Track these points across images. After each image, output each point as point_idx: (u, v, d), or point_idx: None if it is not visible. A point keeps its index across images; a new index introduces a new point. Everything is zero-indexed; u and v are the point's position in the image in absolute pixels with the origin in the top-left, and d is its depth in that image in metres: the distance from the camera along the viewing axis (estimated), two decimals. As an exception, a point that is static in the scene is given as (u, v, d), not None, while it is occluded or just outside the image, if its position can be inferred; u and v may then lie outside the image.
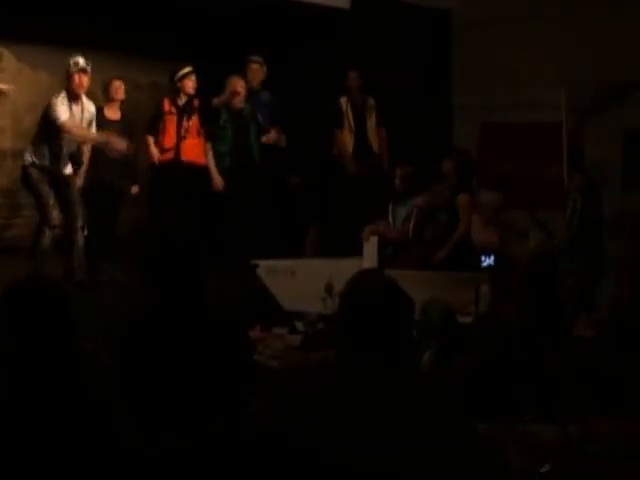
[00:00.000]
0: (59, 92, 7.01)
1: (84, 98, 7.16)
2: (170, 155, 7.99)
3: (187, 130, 8.03)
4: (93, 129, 7.26)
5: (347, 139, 8.61)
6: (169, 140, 7.99)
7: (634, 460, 2.84)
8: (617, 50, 8.29)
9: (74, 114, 7.01)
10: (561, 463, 2.81)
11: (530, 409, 3.06)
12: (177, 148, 7.99)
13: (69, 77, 7.01)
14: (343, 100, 8.59)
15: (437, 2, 9.46)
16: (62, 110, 6.92)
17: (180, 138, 8.01)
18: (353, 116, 8.61)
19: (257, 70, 8.35)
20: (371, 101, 8.68)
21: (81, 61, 7.00)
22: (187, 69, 7.99)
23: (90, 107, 7.24)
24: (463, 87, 9.61)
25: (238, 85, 8.09)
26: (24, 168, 7.01)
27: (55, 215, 6.89)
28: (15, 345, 3.07)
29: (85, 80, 7.04)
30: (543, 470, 2.76)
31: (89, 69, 7.05)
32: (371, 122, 8.72)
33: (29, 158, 6.96)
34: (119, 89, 7.88)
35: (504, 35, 9.19)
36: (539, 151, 8.89)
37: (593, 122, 8.54)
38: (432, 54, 9.54)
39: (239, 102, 8.14)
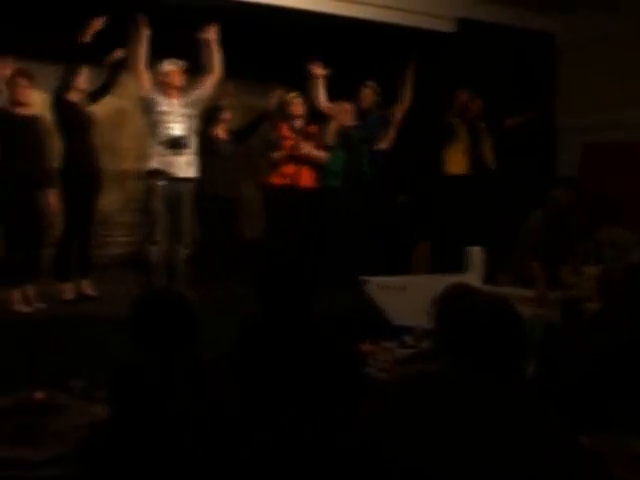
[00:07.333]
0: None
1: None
2: (289, 181, 8.11)
3: (305, 158, 8.15)
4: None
5: (460, 157, 8.70)
6: (288, 166, 8.12)
7: None
8: None
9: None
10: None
11: (633, 424, 3.06)
12: (295, 175, 8.12)
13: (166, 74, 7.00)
14: (456, 121, 8.70)
15: (541, 25, 9.49)
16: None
17: (299, 165, 8.14)
18: (468, 135, 8.72)
19: (367, 94, 8.53)
20: (482, 125, 8.80)
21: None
22: (293, 94, 8.21)
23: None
24: (567, 108, 9.59)
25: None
26: (148, 175, 7.00)
27: (158, 231, 6.95)
28: (143, 358, 3.20)
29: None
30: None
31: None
32: (486, 143, 8.85)
33: (152, 164, 6.95)
34: None
35: (607, 56, 9.17)
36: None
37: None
38: (537, 76, 9.58)
39: (344, 121, 8.28)
